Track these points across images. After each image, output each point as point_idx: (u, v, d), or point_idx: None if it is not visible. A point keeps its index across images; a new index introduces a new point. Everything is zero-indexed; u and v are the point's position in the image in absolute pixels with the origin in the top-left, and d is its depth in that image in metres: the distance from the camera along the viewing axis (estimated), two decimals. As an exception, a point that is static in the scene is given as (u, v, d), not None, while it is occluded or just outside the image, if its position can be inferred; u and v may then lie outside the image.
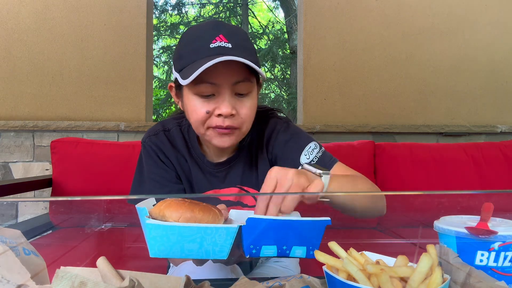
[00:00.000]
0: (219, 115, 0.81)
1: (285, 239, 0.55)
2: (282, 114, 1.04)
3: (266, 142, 0.97)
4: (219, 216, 0.57)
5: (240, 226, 0.54)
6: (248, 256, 0.55)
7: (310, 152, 0.91)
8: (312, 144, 0.93)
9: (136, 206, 0.56)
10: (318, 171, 0.68)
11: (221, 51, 0.78)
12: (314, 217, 0.56)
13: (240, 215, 0.65)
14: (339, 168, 0.91)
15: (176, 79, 0.85)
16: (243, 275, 0.72)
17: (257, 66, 0.80)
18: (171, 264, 1.08)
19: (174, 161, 0.96)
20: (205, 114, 0.82)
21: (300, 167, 0.71)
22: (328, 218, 0.57)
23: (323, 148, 0.94)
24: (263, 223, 0.54)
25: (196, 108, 0.82)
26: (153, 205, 0.56)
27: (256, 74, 0.84)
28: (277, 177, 0.64)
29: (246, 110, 0.83)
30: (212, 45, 0.79)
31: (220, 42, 0.79)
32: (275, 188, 0.63)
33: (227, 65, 0.77)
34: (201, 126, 0.84)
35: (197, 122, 0.84)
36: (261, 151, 0.97)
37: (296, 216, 0.63)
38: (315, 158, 0.89)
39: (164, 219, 0.54)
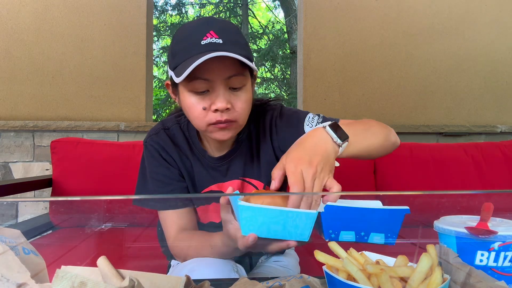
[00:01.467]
0: (216, 110, 0.82)
1: (363, 226, 0.57)
2: (281, 102, 1.08)
3: (269, 131, 0.99)
4: None
5: (319, 212, 0.58)
6: (327, 240, 0.58)
7: (311, 121, 0.96)
8: (310, 115, 0.98)
9: (230, 197, 0.65)
10: (339, 141, 0.72)
11: (212, 47, 0.79)
12: (391, 206, 0.58)
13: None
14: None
15: (171, 77, 0.86)
16: (239, 275, 0.72)
17: (249, 59, 0.81)
18: (171, 264, 1.08)
19: (177, 158, 0.97)
20: (202, 111, 0.83)
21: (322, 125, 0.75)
22: (407, 207, 0.58)
23: (321, 115, 0.99)
24: (341, 211, 0.57)
25: (192, 105, 0.84)
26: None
27: (249, 67, 0.85)
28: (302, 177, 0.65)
29: (241, 103, 0.85)
30: (203, 42, 0.80)
31: (211, 38, 0.80)
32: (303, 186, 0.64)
33: (219, 61, 0.78)
34: (200, 122, 0.85)
35: (197, 119, 0.86)
36: (263, 141, 0.99)
37: (374, 204, 0.64)
38: (318, 124, 0.94)
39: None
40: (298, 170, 0.64)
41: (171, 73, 0.86)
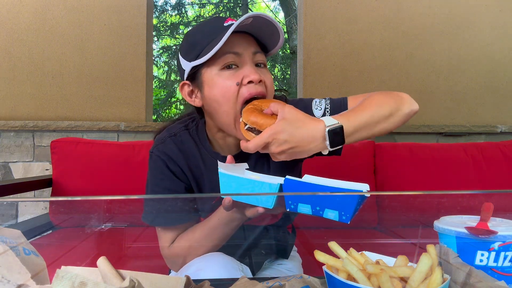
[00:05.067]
0: (249, 82, 0.83)
1: (318, 201, 0.61)
2: (282, 93, 1.08)
3: None
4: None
5: (281, 184, 0.63)
6: (288, 210, 0.63)
7: (319, 105, 0.95)
8: (316, 100, 0.97)
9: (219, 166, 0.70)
10: (329, 148, 0.75)
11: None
12: (349, 187, 0.62)
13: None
14: (351, 102, 0.96)
15: (190, 72, 0.88)
16: (244, 275, 0.72)
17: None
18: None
19: (185, 168, 0.94)
20: (235, 88, 0.83)
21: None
22: (363, 191, 0.61)
23: (328, 98, 0.98)
24: (298, 185, 0.62)
25: (225, 83, 0.84)
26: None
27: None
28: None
29: (269, 80, 0.88)
30: (226, 24, 0.85)
31: (231, 21, 0.85)
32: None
33: (244, 37, 0.84)
34: (235, 101, 0.84)
35: (231, 99, 0.84)
36: None
37: (330, 181, 0.66)
38: (327, 106, 0.95)
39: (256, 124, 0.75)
40: (267, 139, 0.73)
41: (191, 65, 0.86)
